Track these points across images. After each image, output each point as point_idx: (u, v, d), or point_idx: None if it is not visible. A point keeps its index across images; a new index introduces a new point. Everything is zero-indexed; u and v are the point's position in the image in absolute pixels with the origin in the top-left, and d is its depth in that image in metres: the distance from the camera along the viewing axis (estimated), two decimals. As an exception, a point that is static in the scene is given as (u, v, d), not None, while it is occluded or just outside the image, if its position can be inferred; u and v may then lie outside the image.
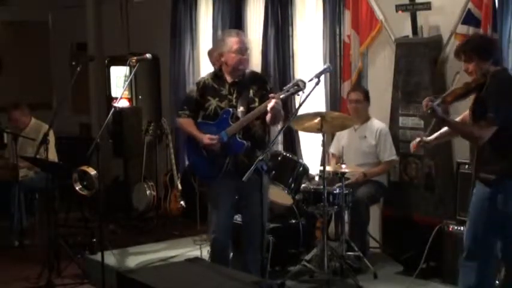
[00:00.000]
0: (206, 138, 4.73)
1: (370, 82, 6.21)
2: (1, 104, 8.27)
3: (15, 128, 7.11)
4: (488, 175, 4.09)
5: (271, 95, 4.56)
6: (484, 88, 4.08)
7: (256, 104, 4.75)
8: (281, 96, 4.52)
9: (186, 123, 4.89)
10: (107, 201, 7.35)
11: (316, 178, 6.15)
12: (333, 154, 6.08)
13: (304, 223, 5.70)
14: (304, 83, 4.47)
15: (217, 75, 4.89)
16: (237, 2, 7.33)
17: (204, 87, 4.87)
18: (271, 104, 4.50)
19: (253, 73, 5.03)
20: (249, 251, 4.88)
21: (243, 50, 4.77)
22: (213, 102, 4.81)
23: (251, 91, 4.80)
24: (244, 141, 4.71)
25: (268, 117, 4.65)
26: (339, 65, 6.34)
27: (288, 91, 4.49)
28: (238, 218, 5.18)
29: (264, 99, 4.70)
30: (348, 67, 6.27)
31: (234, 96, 4.79)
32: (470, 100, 4.22)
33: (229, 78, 4.83)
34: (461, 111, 4.43)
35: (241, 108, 4.74)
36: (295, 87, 4.47)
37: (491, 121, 3.98)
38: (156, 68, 8.62)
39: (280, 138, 6.80)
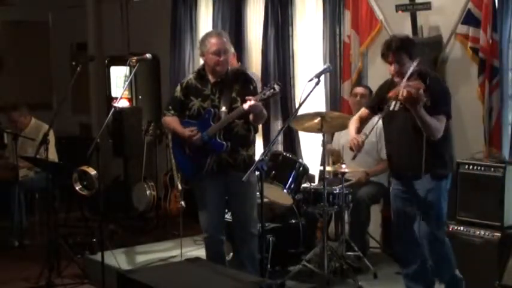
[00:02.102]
0: (187, 131, 4.76)
1: (370, 82, 6.21)
2: (1, 104, 8.27)
3: (15, 128, 7.11)
4: (441, 170, 4.37)
5: (248, 97, 4.60)
6: (427, 86, 4.23)
7: (239, 104, 4.76)
8: (258, 99, 4.56)
9: (171, 120, 4.91)
10: (107, 201, 7.34)
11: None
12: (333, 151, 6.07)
13: (304, 223, 5.70)
14: (280, 86, 4.62)
15: (200, 75, 4.89)
16: (237, 2, 7.33)
17: (188, 87, 4.88)
18: (246, 105, 4.56)
19: (237, 72, 5.02)
20: (242, 247, 4.91)
21: (220, 51, 4.75)
22: (196, 103, 4.82)
23: (234, 91, 4.81)
24: (224, 142, 4.73)
25: (250, 117, 4.69)
26: (339, 65, 6.34)
27: (264, 94, 4.58)
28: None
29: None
30: (348, 67, 6.28)
31: (217, 96, 4.80)
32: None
33: (211, 78, 4.84)
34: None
35: (223, 108, 4.75)
36: (271, 90, 4.57)
37: (449, 115, 4.28)
38: (156, 68, 8.62)
39: (280, 138, 6.81)
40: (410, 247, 4.53)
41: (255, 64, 7.26)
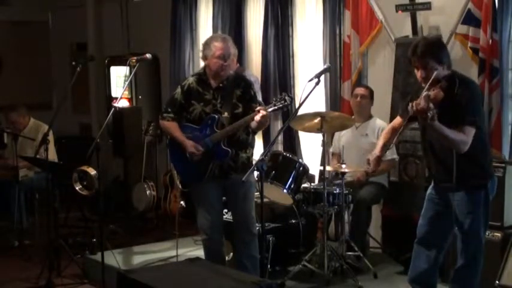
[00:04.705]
0: (191, 147, 4.74)
1: (370, 82, 6.21)
2: (1, 104, 8.27)
3: (13, 128, 7.10)
4: (477, 180, 4.15)
5: (259, 107, 4.58)
6: (455, 93, 4.03)
7: (240, 109, 4.76)
8: (269, 110, 4.56)
9: (171, 126, 4.89)
10: (107, 201, 7.36)
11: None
12: (333, 153, 6.08)
13: (304, 223, 5.70)
14: (291, 98, 4.60)
15: (201, 79, 4.87)
16: (237, 2, 7.33)
17: (189, 91, 4.86)
18: (258, 116, 4.54)
19: (238, 76, 5.00)
20: (243, 247, 4.90)
21: (225, 56, 4.74)
22: (198, 107, 4.81)
23: (235, 96, 4.80)
24: (229, 149, 4.73)
25: (253, 125, 4.68)
26: (339, 65, 6.35)
27: (275, 105, 4.57)
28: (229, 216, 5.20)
29: (248, 105, 4.73)
30: (348, 67, 6.28)
31: (218, 101, 4.79)
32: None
33: (213, 83, 4.83)
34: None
35: (225, 114, 4.75)
36: (282, 101, 4.56)
37: (476, 124, 3.99)
38: (156, 68, 8.62)
39: (280, 138, 6.81)
40: (423, 251, 4.36)
41: (255, 64, 7.26)
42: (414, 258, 4.42)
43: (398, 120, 4.39)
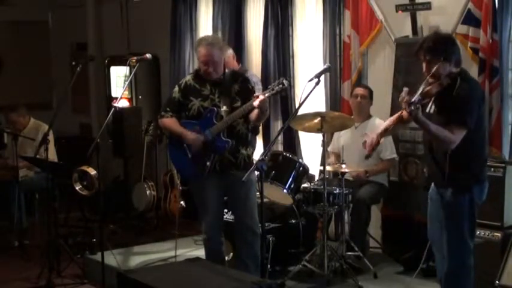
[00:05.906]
0: (190, 135, 4.75)
1: (370, 82, 6.21)
2: (1, 104, 8.27)
3: (14, 128, 7.10)
4: (465, 181, 4.08)
5: (257, 93, 4.58)
6: (455, 91, 3.99)
7: (239, 103, 4.76)
8: (266, 95, 4.55)
9: (170, 122, 4.90)
10: (107, 201, 7.36)
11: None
12: (332, 153, 6.08)
13: (304, 223, 5.70)
14: (289, 82, 4.55)
15: (198, 75, 4.89)
16: (237, 2, 7.33)
17: (186, 88, 4.88)
18: (256, 101, 4.53)
19: (234, 73, 5.02)
20: (245, 247, 4.91)
21: (208, 62, 4.75)
22: (196, 103, 4.82)
23: (233, 91, 4.81)
24: (229, 140, 4.73)
25: (253, 114, 4.67)
26: (339, 65, 6.34)
27: (273, 89, 4.56)
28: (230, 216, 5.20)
29: (246, 98, 4.72)
30: (348, 67, 6.28)
31: (216, 96, 4.80)
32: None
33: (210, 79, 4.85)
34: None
35: (224, 108, 4.76)
36: (280, 85, 4.55)
37: (466, 125, 3.95)
38: (156, 68, 8.62)
39: (280, 138, 6.81)
40: (437, 252, 4.33)
41: (255, 64, 7.26)
42: (436, 260, 4.41)
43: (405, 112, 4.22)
